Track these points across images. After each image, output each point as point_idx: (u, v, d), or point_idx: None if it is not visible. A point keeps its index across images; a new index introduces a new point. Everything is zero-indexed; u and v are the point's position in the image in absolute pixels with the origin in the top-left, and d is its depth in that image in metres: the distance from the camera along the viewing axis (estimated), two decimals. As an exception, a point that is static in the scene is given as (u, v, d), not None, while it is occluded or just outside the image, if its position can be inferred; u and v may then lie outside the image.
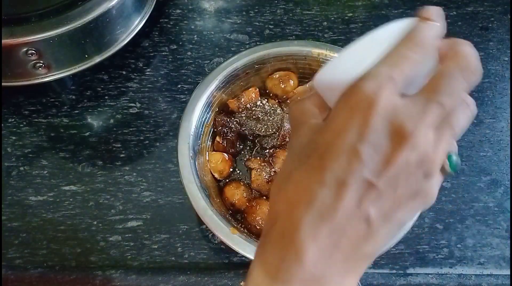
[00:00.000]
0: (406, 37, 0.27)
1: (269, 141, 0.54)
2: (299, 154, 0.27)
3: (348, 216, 0.25)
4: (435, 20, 0.28)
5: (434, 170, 0.26)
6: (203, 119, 0.53)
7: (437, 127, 0.26)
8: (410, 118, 0.25)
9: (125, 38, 0.59)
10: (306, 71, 0.58)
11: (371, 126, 0.24)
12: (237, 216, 0.51)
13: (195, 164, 0.49)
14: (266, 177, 0.51)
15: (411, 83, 0.26)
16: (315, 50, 0.56)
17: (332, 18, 0.69)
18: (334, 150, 0.25)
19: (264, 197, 0.52)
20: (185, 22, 0.68)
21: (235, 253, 0.50)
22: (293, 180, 0.27)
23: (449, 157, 0.27)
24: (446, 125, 0.26)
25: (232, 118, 0.55)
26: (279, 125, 0.54)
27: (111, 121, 0.60)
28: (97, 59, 0.57)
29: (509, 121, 0.61)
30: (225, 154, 0.53)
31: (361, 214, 0.25)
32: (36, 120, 0.60)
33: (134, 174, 0.56)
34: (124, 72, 0.63)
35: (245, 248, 0.45)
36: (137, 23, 0.60)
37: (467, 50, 0.27)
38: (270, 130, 0.54)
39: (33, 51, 0.52)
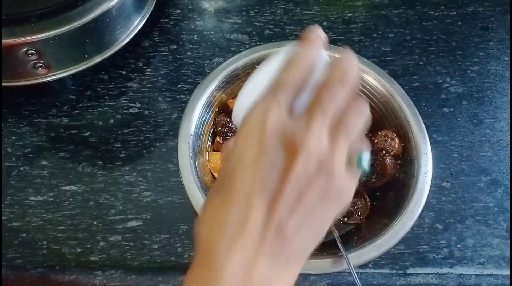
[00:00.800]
0: (285, 61, 0.30)
1: (269, 141, 0.54)
2: (215, 186, 0.30)
3: (258, 230, 0.27)
4: (312, 37, 0.31)
5: (335, 170, 0.27)
6: (203, 119, 0.53)
7: (331, 131, 0.28)
8: (298, 129, 0.27)
9: (125, 38, 0.59)
10: (306, 71, 0.58)
11: (265, 143, 0.27)
12: (237, 216, 0.51)
13: (195, 164, 0.49)
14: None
15: (304, 99, 0.30)
16: (315, 50, 0.56)
17: (332, 18, 0.69)
18: (238, 171, 0.28)
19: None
20: (185, 22, 0.68)
21: (235, 253, 0.50)
22: (210, 208, 0.29)
23: (358, 155, 0.30)
24: (340, 127, 0.28)
25: (232, 118, 0.55)
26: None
27: (111, 121, 0.60)
28: (97, 59, 0.57)
29: (509, 121, 0.61)
30: (225, 154, 0.53)
31: (271, 226, 0.27)
32: (36, 120, 0.59)
33: (134, 174, 0.56)
34: (124, 72, 0.63)
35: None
36: (137, 23, 0.60)
37: (343, 60, 0.30)
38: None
39: (33, 51, 0.52)
